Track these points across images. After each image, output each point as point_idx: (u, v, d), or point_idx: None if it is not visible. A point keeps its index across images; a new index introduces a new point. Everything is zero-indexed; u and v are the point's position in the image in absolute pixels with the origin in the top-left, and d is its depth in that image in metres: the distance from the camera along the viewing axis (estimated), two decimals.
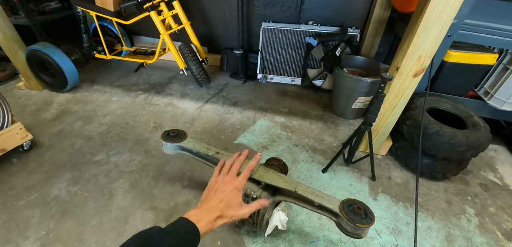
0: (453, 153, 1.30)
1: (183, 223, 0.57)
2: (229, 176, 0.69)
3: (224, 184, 0.67)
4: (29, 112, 1.99)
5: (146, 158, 1.57)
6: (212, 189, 0.68)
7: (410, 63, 1.21)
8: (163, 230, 0.54)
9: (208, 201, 0.65)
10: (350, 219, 0.81)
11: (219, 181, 0.69)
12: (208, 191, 0.69)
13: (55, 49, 2.05)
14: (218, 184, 0.68)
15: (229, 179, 0.68)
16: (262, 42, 2.28)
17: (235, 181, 0.68)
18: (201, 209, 0.63)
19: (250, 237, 1.15)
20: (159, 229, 0.54)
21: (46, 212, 1.25)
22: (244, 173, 0.70)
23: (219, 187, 0.67)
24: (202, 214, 0.60)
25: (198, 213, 0.61)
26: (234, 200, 0.65)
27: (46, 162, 1.54)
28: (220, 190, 0.66)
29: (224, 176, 0.70)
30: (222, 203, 0.64)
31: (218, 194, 0.66)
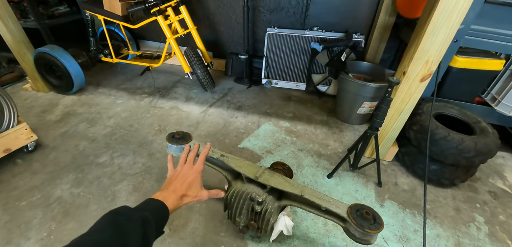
0: (461, 159, 1.27)
1: (152, 202, 0.64)
2: (188, 164, 0.80)
3: (185, 170, 0.77)
4: (35, 114, 2.00)
5: (149, 160, 1.56)
6: (173, 176, 0.76)
7: (417, 68, 1.20)
8: (133, 208, 0.58)
9: (172, 185, 0.73)
10: (358, 225, 0.79)
11: (178, 170, 0.78)
12: (169, 178, 0.77)
13: (62, 51, 2.08)
14: (178, 171, 0.78)
15: (188, 166, 0.79)
16: (267, 47, 2.29)
17: (194, 167, 0.79)
18: (166, 191, 0.71)
19: (254, 242, 1.13)
20: (128, 207, 0.58)
21: (48, 213, 1.24)
22: (200, 159, 0.82)
23: (180, 172, 0.77)
24: (168, 194, 0.68)
25: (163, 194, 0.68)
26: (195, 182, 0.76)
27: (50, 163, 1.54)
28: (181, 174, 0.76)
29: (183, 165, 0.80)
30: (185, 184, 0.73)
31: (180, 178, 0.75)
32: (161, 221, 0.62)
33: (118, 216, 0.52)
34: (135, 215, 0.53)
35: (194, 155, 0.84)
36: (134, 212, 0.55)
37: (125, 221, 0.51)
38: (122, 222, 0.50)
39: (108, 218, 0.52)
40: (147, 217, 0.55)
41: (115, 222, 0.50)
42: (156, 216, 0.59)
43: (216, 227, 1.18)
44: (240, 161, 1.04)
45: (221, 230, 1.17)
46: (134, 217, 0.53)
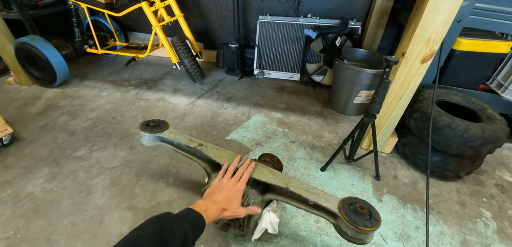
0: (467, 148, 1.16)
1: (191, 212, 0.65)
2: (233, 180, 0.81)
3: (230, 185, 0.79)
4: (15, 107, 1.90)
5: (130, 154, 1.45)
6: (219, 187, 0.79)
7: (418, 47, 1.08)
8: (175, 216, 0.61)
9: (215, 196, 0.75)
10: (351, 221, 0.68)
11: (224, 183, 0.80)
12: (213, 189, 0.79)
13: (44, 42, 1.98)
14: (223, 184, 0.80)
15: (233, 182, 0.81)
16: (259, 36, 2.18)
17: (237, 185, 0.80)
18: (208, 200, 0.73)
19: (237, 242, 1.02)
20: (172, 214, 0.61)
21: (17, 210, 1.14)
22: (244, 177, 0.83)
23: (225, 186, 0.79)
24: (210, 205, 0.71)
25: (206, 203, 0.71)
26: (236, 199, 0.77)
27: (25, 157, 1.44)
28: (225, 188, 0.78)
29: (228, 179, 0.82)
30: (227, 199, 0.75)
31: (224, 192, 0.77)
32: (197, 234, 0.63)
33: (164, 224, 0.54)
34: (179, 228, 0.55)
35: (242, 173, 0.84)
36: (177, 223, 0.57)
37: (170, 233, 0.53)
38: (167, 232, 0.53)
39: (155, 224, 0.54)
40: (188, 232, 0.57)
41: (161, 231, 0.52)
42: (194, 229, 0.61)
43: None
44: (220, 151, 0.93)
45: None
46: (178, 231, 0.55)
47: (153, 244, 0.49)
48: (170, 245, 0.51)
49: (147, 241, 0.49)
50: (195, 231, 0.61)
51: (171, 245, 0.51)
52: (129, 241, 0.49)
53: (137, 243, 0.48)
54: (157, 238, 0.50)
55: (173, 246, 0.52)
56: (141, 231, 0.53)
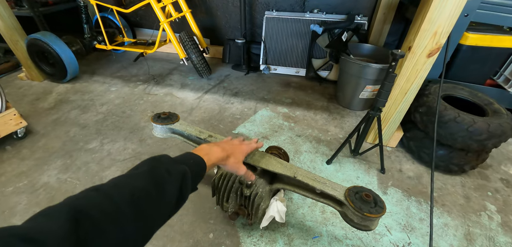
0: (473, 142, 1.17)
1: (191, 155, 0.61)
2: (237, 140, 0.84)
3: (234, 142, 0.80)
4: (28, 101, 1.96)
5: (140, 146, 1.49)
6: (223, 142, 0.78)
7: (424, 41, 1.09)
8: (173, 158, 0.57)
9: (222, 144, 0.74)
10: (357, 208, 0.70)
11: (229, 140, 0.83)
12: (219, 142, 0.78)
13: (55, 38, 2.03)
14: (228, 140, 0.82)
15: (237, 140, 0.83)
16: (265, 32, 2.19)
17: (242, 145, 0.82)
18: (214, 145, 0.70)
19: (245, 230, 1.05)
20: (169, 157, 0.56)
21: (33, 199, 1.20)
22: (252, 145, 0.85)
23: (229, 141, 0.80)
24: (214, 149, 0.68)
25: (209, 146, 0.68)
26: (239, 155, 0.77)
27: (39, 149, 1.49)
28: (230, 143, 0.78)
29: (234, 139, 0.84)
30: (231, 149, 0.75)
31: (229, 144, 0.76)
32: (198, 177, 0.59)
33: (158, 166, 0.50)
34: (175, 169, 0.51)
35: (250, 143, 0.86)
36: (174, 164, 0.53)
37: (165, 173, 0.49)
38: (162, 173, 0.49)
39: (148, 165, 0.50)
40: (186, 173, 0.53)
41: (154, 172, 0.48)
42: (194, 171, 0.56)
43: (205, 214, 1.11)
44: None
45: (211, 217, 1.10)
46: (174, 171, 0.50)
47: (145, 180, 0.45)
48: (165, 186, 0.47)
49: (138, 178, 0.46)
50: (195, 174, 0.56)
51: (166, 186, 0.47)
52: (121, 178, 0.45)
53: (128, 179, 0.45)
54: (149, 176, 0.46)
55: (169, 188, 0.47)
56: (135, 169, 0.49)
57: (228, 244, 1.00)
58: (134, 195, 0.42)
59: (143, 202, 0.42)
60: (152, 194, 0.45)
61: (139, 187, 0.43)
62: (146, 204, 0.43)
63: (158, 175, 0.48)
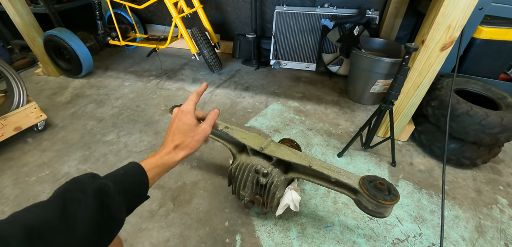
0: (485, 136, 1.17)
1: (128, 165, 0.49)
2: (178, 108, 0.60)
3: (174, 115, 0.59)
4: (45, 96, 2.03)
5: (155, 139, 1.54)
6: (171, 131, 0.58)
7: (438, 35, 1.10)
8: (96, 174, 0.45)
9: (165, 141, 0.57)
10: (371, 195, 0.73)
11: (175, 115, 0.59)
12: (169, 131, 0.59)
13: (70, 34, 2.09)
14: (176, 122, 0.58)
15: (177, 109, 0.60)
16: (276, 27, 2.21)
17: (181, 107, 0.59)
18: (159, 152, 0.54)
19: (259, 218, 1.09)
20: (93, 174, 0.44)
21: (56, 188, 1.25)
22: (191, 97, 0.61)
23: (171, 121, 0.59)
24: (158, 153, 0.53)
25: (154, 153, 0.54)
26: (186, 123, 0.56)
27: (59, 141, 1.56)
28: (170, 122, 0.59)
29: (183, 113, 0.59)
30: (176, 130, 0.56)
31: (169, 127, 0.58)
32: (134, 188, 0.46)
33: (71, 186, 0.40)
34: (90, 186, 0.39)
35: (194, 100, 0.62)
36: (94, 179, 0.42)
37: (80, 194, 0.38)
38: (71, 195, 0.38)
39: (60, 189, 0.39)
40: (105, 187, 0.40)
41: (63, 194, 0.38)
42: (126, 182, 0.45)
43: (220, 203, 1.15)
44: (245, 133, 1.00)
45: (226, 206, 1.14)
46: (89, 190, 0.39)
47: (49, 211, 0.35)
48: (75, 211, 0.36)
49: (43, 208, 0.36)
50: (128, 185, 0.45)
51: (76, 211, 0.36)
52: (21, 212, 0.35)
53: (27, 215, 0.34)
54: (57, 203, 0.36)
55: (80, 212, 0.36)
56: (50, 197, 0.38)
57: (243, 232, 1.04)
58: (29, 231, 0.31)
59: (43, 240, 0.32)
60: (56, 224, 0.34)
61: (38, 218, 0.34)
62: (47, 235, 0.33)
63: (66, 198, 0.37)
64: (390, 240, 1.02)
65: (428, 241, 1.02)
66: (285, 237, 1.03)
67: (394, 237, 1.03)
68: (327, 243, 1.01)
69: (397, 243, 1.01)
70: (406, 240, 1.02)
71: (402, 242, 1.01)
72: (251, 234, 1.03)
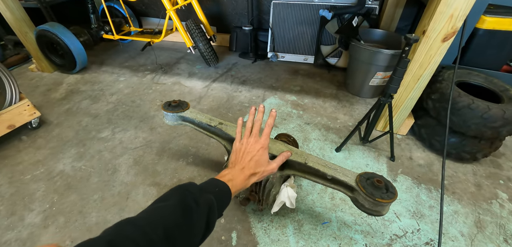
0: (486, 129, 1.15)
1: (217, 183, 0.61)
2: (253, 137, 0.72)
3: (250, 145, 0.71)
4: (40, 92, 2.00)
5: (150, 135, 1.52)
6: (239, 152, 0.72)
7: (440, 25, 1.06)
8: (199, 187, 0.57)
9: (240, 163, 0.69)
10: (368, 193, 0.71)
11: (245, 144, 0.72)
12: (235, 154, 0.72)
13: (63, 29, 2.04)
14: (244, 146, 0.72)
15: (253, 140, 0.72)
16: (273, 18, 2.16)
17: (260, 141, 0.71)
18: (234, 169, 0.68)
19: (256, 215, 1.07)
20: (196, 185, 0.56)
21: (51, 186, 1.24)
22: (266, 132, 0.73)
23: (246, 148, 0.71)
24: (236, 174, 0.66)
25: (232, 172, 0.66)
26: (262, 158, 0.70)
27: (54, 139, 1.54)
28: (247, 151, 0.70)
29: (248, 139, 0.73)
30: (252, 161, 0.69)
31: (247, 155, 0.70)
32: (223, 206, 0.59)
33: (187, 195, 0.51)
34: (202, 199, 0.52)
35: (259, 125, 0.75)
36: (201, 194, 0.54)
37: (194, 203, 0.50)
38: (191, 204, 0.50)
39: (178, 195, 0.51)
40: (213, 204, 0.54)
41: (184, 202, 0.50)
42: (220, 200, 0.57)
43: None
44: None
45: None
46: (202, 202, 0.52)
47: (176, 214, 0.47)
48: (193, 216, 0.49)
49: (170, 211, 0.47)
50: (221, 202, 0.58)
51: (193, 216, 0.49)
52: (153, 211, 0.47)
53: (160, 213, 0.47)
54: (180, 209, 0.48)
55: (196, 217, 0.49)
56: (164, 201, 0.50)
57: (239, 229, 1.03)
58: (168, 231, 0.43)
59: (176, 237, 0.44)
60: (183, 228, 0.46)
61: (171, 222, 0.45)
62: (178, 239, 0.45)
63: (187, 207, 0.49)
64: (388, 236, 1.00)
65: (426, 237, 1.01)
66: (281, 233, 1.01)
67: (392, 233, 1.01)
68: (324, 239, 0.99)
69: (395, 239, 1.00)
70: (404, 236, 1.01)
71: (400, 238, 1.00)
72: (247, 231, 1.02)
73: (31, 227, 1.07)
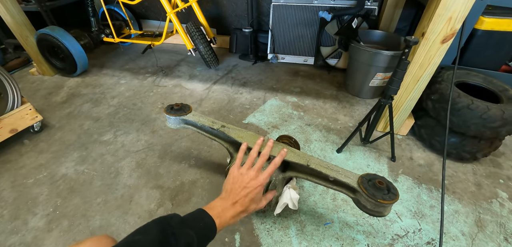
0: (486, 129, 1.16)
1: (203, 217, 0.58)
2: (255, 172, 0.69)
3: (250, 180, 0.68)
4: (41, 96, 2.01)
5: (152, 137, 1.53)
6: (237, 183, 0.68)
7: (439, 27, 1.07)
8: (182, 219, 0.55)
9: (234, 196, 0.66)
10: (370, 195, 0.72)
11: (245, 175, 0.69)
12: (232, 184, 0.69)
13: (63, 32, 2.05)
14: (243, 178, 0.69)
15: (254, 175, 0.69)
16: (273, 20, 2.17)
17: (259, 179, 0.69)
18: (227, 201, 0.65)
19: (258, 217, 1.08)
20: (179, 217, 0.55)
21: (54, 190, 1.25)
22: (269, 170, 0.70)
23: (246, 183, 0.68)
24: (227, 206, 0.63)
25: (222, 206, 0.63)
26: (257, 196, 0.68)
27: (56, 142, 1.54)
28: (245, 186, 0.67)
29: (248, 171, 0.70)
30: (247, 199, 0.66)
31: (244, 191, 0.67)
32: (206, 241, 0.57)
33: (167, 230, 0.50)
34: (183, 235, 0.51)
35: (264, 161, 0.73)
36: (182, 229, 0.52)
37: (173, 239, 0.49)
38: (170, 240, 0.49)
39: (157, 229, 0.50)
40: (193, 241, 0.52)
41: (163, 238, 0.49)
42: (203, 235, 0.56)
43: None
44: (241, 132, 0.98)
45: None
46: (182, 239, 0.50)
47: None
48: None
49: (146, 243, 0.47)
50: (203, 238, 0.56)
51: None
52: (130, 245, 0.47)
53: (137, 243, 0.47)
54: (157, 244, 0.47)
55: None
56: (143, 234, 0.50)
57: (242, 230, 1.04)
58: None
59: None
60: None
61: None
62: None
63: (164, 241, 0.48)
64: (389, 236, 1.01)
65: (427, 237, 1.02)
66: (284, 234, 1.02)
67: (393, 233, 1.02)
68: (326, 240, 1.00)
69: (397, 239, 1.01)
70: (405, 236, 1.02)
71: (402, 238, 1.01)
72: (250, 233, 1.03)
73: (35, 230, 1.07)
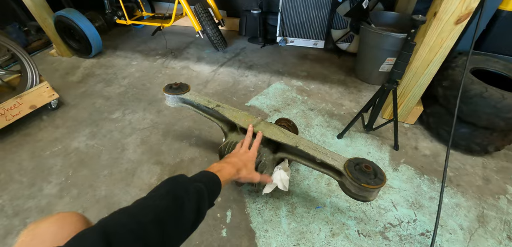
0: (499, 120, 1.07)
1: (206, 173, 0.66)
2: (243, 149, 0.86)
3: (240, 153, 0.84)
4: (59, 76, 2.13)
5: (157, 117, 1.58)
6: (231, 155, 0.83)
7: (452, 6, 0.99)
8: (189, 177, 0.61)
9: (229, 158, 0.80)
10: (354, 178, 0.71)
11: (236, 151, 0.86)
12: (227, 156, 0.84)
13: (79, 14, 2.13)
14: (236, 151, 0.86)
15: (243, 150, 0.86)
16: (282, 1, 2.10)
17: (248, 152, 0.85)
18: (224, 162, 0.77)
19: (251, 196, 1.10)
20: (186, 176, 0.60)
21: (67, 162, 1.34)
22: (254, 146, 0.87)
23: (237, 153, 0.84)
24: (225, 165, 0.73)
25: (221, 164, 0.74)
26: (249, 164, 0.81)
27: (70, 119, 1.64)
28: (238, 155, 0.82)
29: (239, 149, 0.87)
30: (241, 162, 0.79)
31: (237, 157, 0.81)
32: (214, 193, 0.63)
33: (178, 184, 0.54)
34: (192, 187, 0.55)
35: (248, 142, 0.88)
36: (190, 183, 0.57)
37: (183, 192, 0.53)
38: (180, 192, 0.53)
39: (167, 186, 0.54)
40: (202, 190, 0.57)
41: (174, 191, 0.53)
42: (210, 188, 0.60)
43: None
44: (236, 112, 0.99)
45: None
46: (192, 190, 0.55)
47: (165, 200, 0.50)
48: (184, 203, 0.51)
49: (160, 198, 0.50)
50: (211, 190, 0.61)
51: (185, 203, 0.51)
52: (145, 199, 0.50)
53: (151, 200, 0.50)
54: (170, 195, 0.51)
55: (186, 204, 0.52)
56: (155, 191, 0.53)
57: (234, 208, 1.07)
58: (158, 215, 0.46)
59: (166, 221, 0.47)
60: (173, 212, 0.49)
61: (161, 207, 0.48)
62: (168, 222, 0.47)
63: (177, 194, 0.52)
64: (381, 224, 1.00)
65: (422, 228, 0.99)
66: (274, 215, 1.04)
67: (386, 222, 1.00)
68: (316, 222, 1.01)
69: (389, 227, 0.99)
70: (398, 225, 0.99)
71: (394, 227, 0.99)
72: (241, 211, 1.06)
73: (49, 197, 1.18)
